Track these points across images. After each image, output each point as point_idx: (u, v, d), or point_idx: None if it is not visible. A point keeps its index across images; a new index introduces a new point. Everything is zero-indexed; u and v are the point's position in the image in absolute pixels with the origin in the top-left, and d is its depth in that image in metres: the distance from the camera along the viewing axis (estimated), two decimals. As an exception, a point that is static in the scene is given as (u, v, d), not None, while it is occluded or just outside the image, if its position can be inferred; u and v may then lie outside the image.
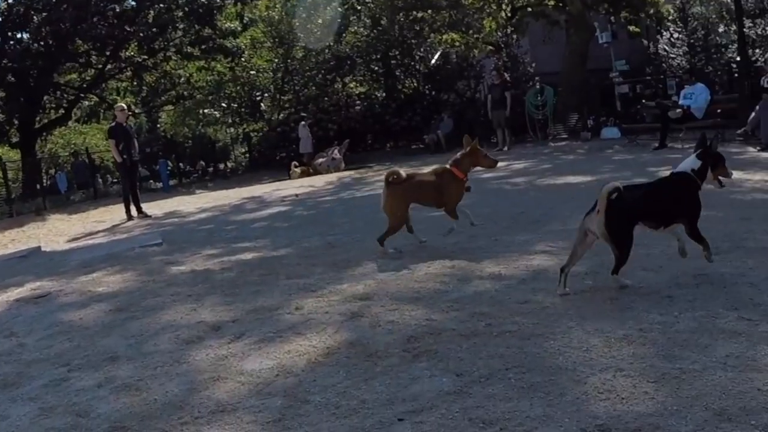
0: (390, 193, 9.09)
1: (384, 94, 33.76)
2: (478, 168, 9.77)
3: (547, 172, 17.29)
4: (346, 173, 25.48)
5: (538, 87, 27.41)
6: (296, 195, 18.89)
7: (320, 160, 27.99)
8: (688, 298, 6.22)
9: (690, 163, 6.78)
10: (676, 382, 4.58)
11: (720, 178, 6.92)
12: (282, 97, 36.14)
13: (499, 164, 10.76)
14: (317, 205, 16.42)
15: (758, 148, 17.47)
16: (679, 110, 19.78)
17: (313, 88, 34.49)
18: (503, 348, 5.44)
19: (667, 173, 7.13)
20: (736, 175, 13.15)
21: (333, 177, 24.36)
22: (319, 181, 22.83)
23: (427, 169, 10.01)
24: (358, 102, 34.17)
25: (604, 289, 6.75)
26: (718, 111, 20.07)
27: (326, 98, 33.68)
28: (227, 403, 5.03)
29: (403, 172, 9.41)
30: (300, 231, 12.20)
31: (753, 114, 18.09)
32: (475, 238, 9.62)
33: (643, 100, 24.48)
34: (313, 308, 7.02)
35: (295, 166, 27.50)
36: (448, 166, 9.33)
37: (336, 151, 28.12)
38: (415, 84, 33.54)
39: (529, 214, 10.57)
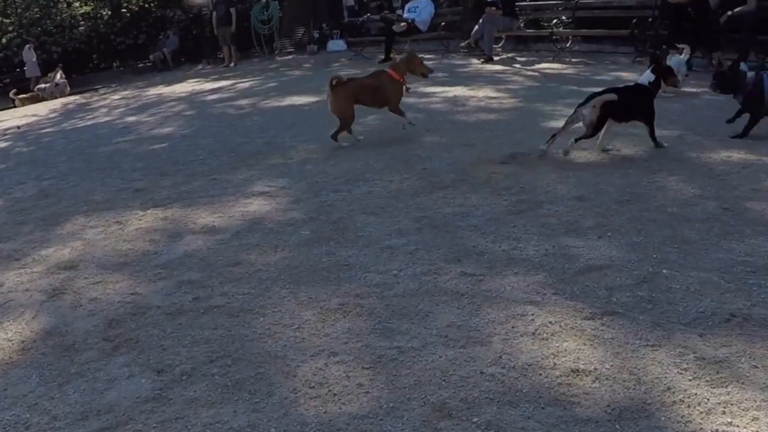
0: (335, 95, 9.42)
1: (109, 13, 32.07)
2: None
3: (273, 91, 16.49)
4: (72, 98, 23.92)
5: (263, 2, 26.60)
6: (18, 127, 17.51)
7: (43, 85, 26.26)
8: (410, 249, 5.79)
9: (647, 77, 8.30)
10: (394, 366, 4.10)
11: (673, 85, 8.80)
12: (4, 20, 33.78)
13: (225, 83, 10.31)
14: (38, 139, 15.12)
15: (482, 60, 17.62)
16: (403, 24, 19.61)
17: (36, 10, 32.42)
18: (210, 330, 4.81)
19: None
20: (461, 91, 13.07)
21: (58, 103, 22.76)
22: (43, 109, 21.24)
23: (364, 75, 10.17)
24: (82, 22, 32.34)
25: (323, 239, 6.23)
26: (443, 24, 20.09)
27: (50, 20, 31.73)
28: None
29: (344, 76, 9.83)
30: (15, 175, 11.05)
31: (476, 27, 18.16)
32: (193, 177, 8.94)
33: (368, 14, 24.16)
34: (15, 284, 6.15)
35: (15, 94, 25.65)
36: (386, 69, 9.79)
37: (59, 75, 26.44)
38: (141, 2, 32.05)
39: (251, 144, 9.90)
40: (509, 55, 18.63)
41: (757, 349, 4.16)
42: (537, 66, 16.18)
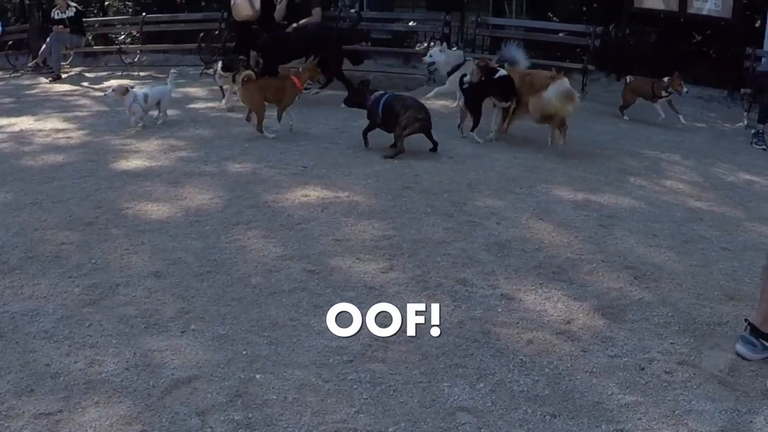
0: (245, 89, 9.91)
1: None
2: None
3: None
4: None
5: None
6: None
7: None
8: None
9: (502, 72, 10.03)
10: None
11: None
12: None
13: None
14: None
15: (50, 79, 16.42)
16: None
17: None
18: None
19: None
20: (28, 123, 11.42)
21: None
22: None
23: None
24: None
25: None
26: (10, 42, 18.62)
27: None
28: None
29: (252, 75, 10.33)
30: None
31: (44, 45, 17.13)
32: None
33: None
34: None
35: None
36: (291, 76, 10.34)
37: None
38: None
39: None
40: (79, 69, 17.50)
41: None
42: (106, 83, 15.04)
